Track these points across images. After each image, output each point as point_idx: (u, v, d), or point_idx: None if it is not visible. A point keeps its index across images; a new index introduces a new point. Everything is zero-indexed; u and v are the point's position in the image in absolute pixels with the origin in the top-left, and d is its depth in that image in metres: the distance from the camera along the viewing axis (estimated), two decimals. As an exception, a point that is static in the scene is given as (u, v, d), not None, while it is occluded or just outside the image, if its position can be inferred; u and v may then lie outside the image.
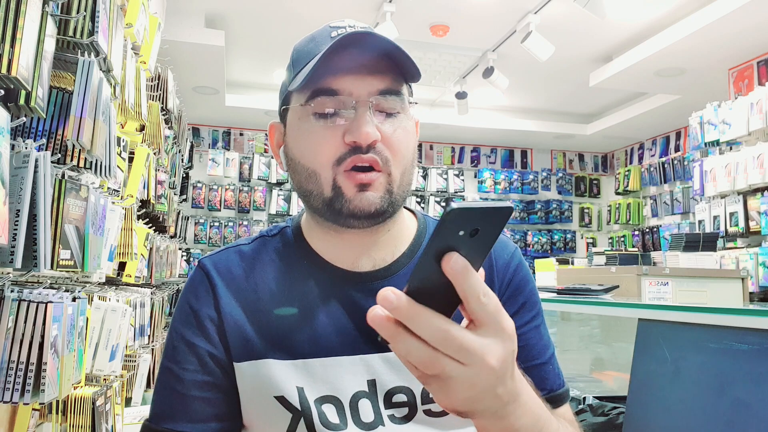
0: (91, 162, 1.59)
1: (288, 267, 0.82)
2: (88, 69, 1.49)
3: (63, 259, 1.39)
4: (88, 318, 1.71)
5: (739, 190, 3.82)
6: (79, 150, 1.50)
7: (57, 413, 1.68)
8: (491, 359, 0.47)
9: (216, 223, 6.54)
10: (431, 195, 7.10)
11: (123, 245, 2.22)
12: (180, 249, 4.61)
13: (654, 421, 1.21)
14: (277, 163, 0.86)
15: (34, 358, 1.29)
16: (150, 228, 2.92)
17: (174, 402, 0.77)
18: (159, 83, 3.13)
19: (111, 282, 2.33)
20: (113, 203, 1.97)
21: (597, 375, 2.46)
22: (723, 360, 1.09)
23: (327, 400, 0.76)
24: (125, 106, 2.09)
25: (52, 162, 1.35)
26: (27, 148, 1.24)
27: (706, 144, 4.14)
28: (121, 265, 2.35)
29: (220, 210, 6.61)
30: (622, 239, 7.18)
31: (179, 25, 4.22)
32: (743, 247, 3.85)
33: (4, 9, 1.13)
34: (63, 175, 1.40)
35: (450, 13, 4.42)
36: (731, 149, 3.95)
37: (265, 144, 6.86)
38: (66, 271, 1.50)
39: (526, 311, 0.84)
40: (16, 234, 1.17)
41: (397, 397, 0.77)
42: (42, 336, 1.30)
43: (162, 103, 3.11)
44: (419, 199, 7.07)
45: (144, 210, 2.74)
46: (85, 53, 1.53)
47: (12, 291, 1.29)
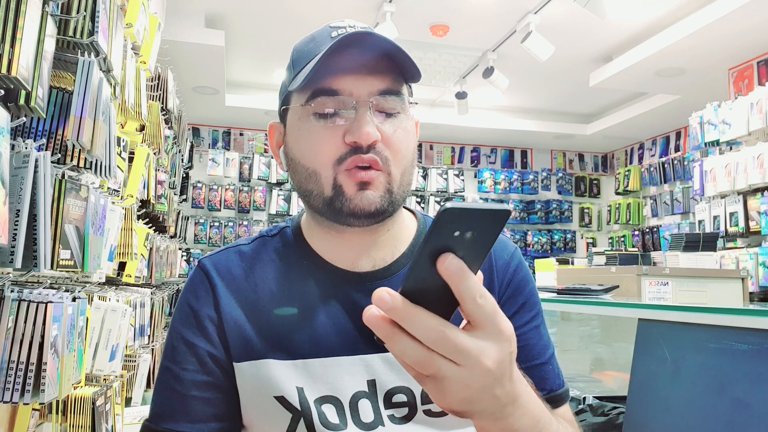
0: (91, 162, 1.59)
1: (288, 267, 0.82)
2: (88, 69, 1.49)
3: (63, 259, 1.39)
4: (88, 318, 1.71)
5: (739, 190, 3.82)
6: (79, 150, 1.50)
7: (57, 413, 1.68)
8: (487, 361, 0.47)
9: (216, 223, 6.54)
10: (431, 195, 7.10)
11: (123, 245, 2.22)
12: (180, 249, 4.61)
13: (654, 421, 1.21)
14: (277, 164, 0.86)
15: (34, 358, 1.29)
16: (150, 228, 2.92)
17: (174, 402, 0.77)
18: (159, 83, 3.13)
19: (111, 282, 2.33)
20: (113, 203, 1.97)
21: (597, 375, 2.46)
22: (723, 360, 1.09)
23: (327, 400, 0.76)
24: (125, 106, 2.09)
25: (52, 162, 1.35)
26: (27, 148, 1.24)
27: (706, 144, 4.14)
28: (121, 265, 2.35)
29: (220, 210, 6.60)
30: (622, 239, 7.18)
31: (179, 25, 4.22)
32: (743, 247, 3.85)
33: (4, 9, 1.13)
34: (63, 175, 1.40)
35: (450, 13, 4.42)
36: (731, 149, 3.95)
37: (265, 144, 6.86)
38: (66, 271, 1.50)
39: (525, 311, 0.84)
40: (16, 234, 1.17)
41: (397, 398, 0.77)
42: (42, 336, 1.30)
43: (162, 103, 3.11)
44: (419, 199, 7.07)
45: (144, 210, 2.75)
46: (85, 53, 1.53)
47: (12, 291, 1.29)
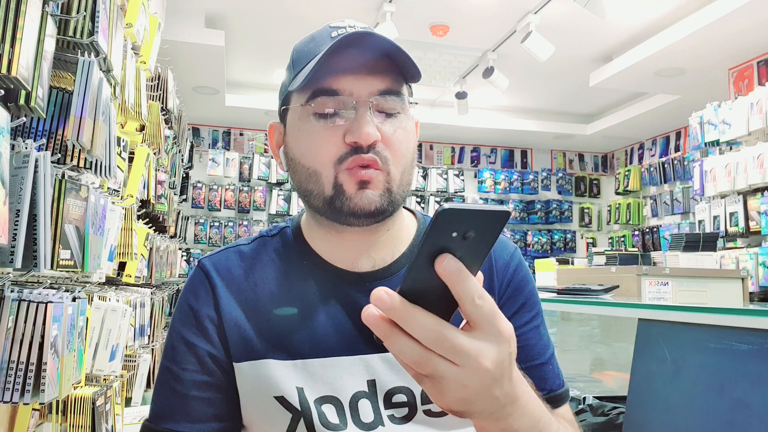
0: (91, 162, 1.59)
1: (288, 267, 0.82)
2: (88, 69, 1.49)
3: (63, 259, 1.39)
4: (88, 318, 1.71)
5: (739, 190, 3.82)
6: (79, 150, 1.50)
7: (57, 413, 1.68)
8: (485, 361, 0.47)
9: (216, 223, 6.54)
10: (431, 195, 7.10)
11: (123, 245, 2.22)
12: (180, 249, 4.61)
13: (654, 421, 1.21)
14: (277, 164, 0.86)
15: (34, 358, 1.29)
16: (150, 228, 2.92)
17: (174, 402, 0.77)
18: (159, 83, 3.13)
19: (111, 282, 2.33)
20: (113, 203, 1.97)
21: (597, 375, 2.46)
22: (723, 360, 1.09)
23: (327, 400, 0.76)
24: (125, 106, 2.09)
25: (52, 162, 1.35)
26: (27, 148, 1.24)
27: (706, 144, 4.14)
28: (121, 265, 2.35)
29: (220, 210, 6.60)
30: (622, 239, 7.18)
31: (179, 25, 4.22)
32: (743, 247, 3.85)
33: (4, 9, 1.13)
34: (63, 175, 1.40)
35: (450, 13, 4.42)
36: (731, 149, 3.95)
37: (265, 144, 6.86)
38: (66, 271, 1.50)
39: (525, 311, 0.84)
40: (16, 234, 1.17)
41: (397, 398, 0.77)
42: (42, 336, 1.30)
43: (162, 103, 3.11)
44: (419, 199, 7.07)
45: (144, 210, 2.74)
46: (85, 53, 1.53)
47: (12, 291, 1.29)
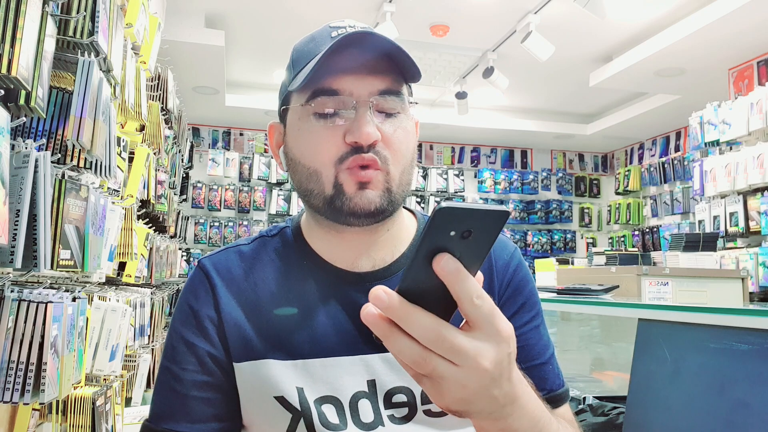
0: (91, 162, 1.59)
1: (288, 267, 0.82)
2: (88, 69, 1.49)
3: (63, 259, 1.39)
4: (88, 318, 1.71)
5: (739, 190, 3.82)
6: (79, 150, 1.50)
7: (57, 413, 1.68)
8: (484, 361, 0.47)
9: (216, 223, 6.54)
10: (431, 195, 7.10)
11: (123, 245, 2.22)
12: (180, 249, 4.61)
13: (654, 421, 1.21)
14: (277, 164, 0.86)
15: (34, 358, 1.29)
16: (150, 228, 2.92)
17: (174, 402, 0.77)
18: (159, 83, 3.13)
19: (111, 282, 2.33)
20: (113, 203, 1.97)
21: (597, 375, 2.46)
22: (723, 360, 1.09)
23: (327, 400, 0.76)
24: (125, 106, 2.09)
25: (52, 162, 1.35)
26: (27, 148, 1.24)
27: (706, 144, 4.14)
28: (121, 265, 2.35)
29: (220, 210, 6.60)
30: (622, 239, 7.18)
31: (179, 25, 4.22)
32: (743, 247, 3.85)
33: (4, 9, 1.13)
34: (63, 175, 1.40)
35: (450, 13, 4.41)
36: (731, 149, 3.95)
37: (265, 144, 6.86)
38: (66, 271, 1.50)
39: (525, 311, 0.84)
40: (16, 234, 1.17)
41: (397, 398, 0.77)
42: (42, 336, 1.30)
43: (162, 103, 3.11)
44: (419, 199, 7.07)
45: (144, 210, 2.74)
46: (85, 53, 1.53)
47: (12, 291, 1.29)
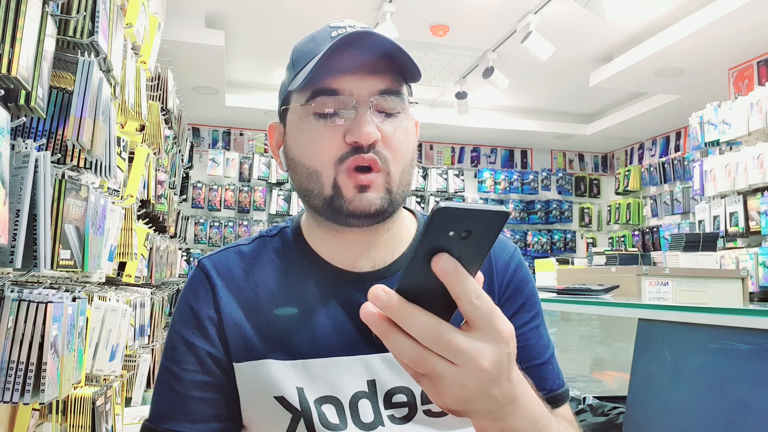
0: (91, 162, 1.59)
1: (288, 267, 0.82)
2: (88, 69, 1.49)
3: (63, 259, 1.39)
4: (88, 318, 1.71)
5: (739, 190, 3.82)
6: (79, 150, 1.50)
7: (57, 413, 1.68)
8: (483, 361, 0.47)
9: (216, 223, 6.54)
10: (431, 195, 7.10)
11: (123, 245, 2.22)
12: (180, 249, 4.61)
13: (654, 421, 1.21)
14: (277, 164, 0.86)
15: (34, 358, 1.29)
16: (150, 228, 2.92)
17: (174, 402, 0.77)
18: (159, 83, 3.13)
19: (111, 282, 2.33)
20: (113, 203, 1.97)
21: (597, 375, 2.46)
22: (723, 360, 1.09)
23: (327, 400, 0.76)
24: (125, 106, 2.09)
25: (52, 162, 1.35)
26: (27, 148, 1.24)
27: (706, 144, 4.14)
28: (121, 265, 2.35)
29: (220, 210, 6.61)
30: (622, 239, 7.18)
31: (179, 25, 4.22)
32: (743, 247, 3.85)
33: (4, 9, 1.13)
34: (63, 175, 1.40)
35: (450, 13, 4.41)
36: (731, 149, 3.95)
37: (265, 144, 6.86)
38: (66, 271, 1.50)
39: (525, 311, 0.84)
40: (16, 234, 1.17)
41: (397, 398, 0.77)
42: (42, 336, 1.30)
43: (162, 103, 3.11)
44: (419, 199, 7.07)
45: (144, 210, 2.74)
46: (85, 53, 1.53)
47: (12, 291, 1.29)
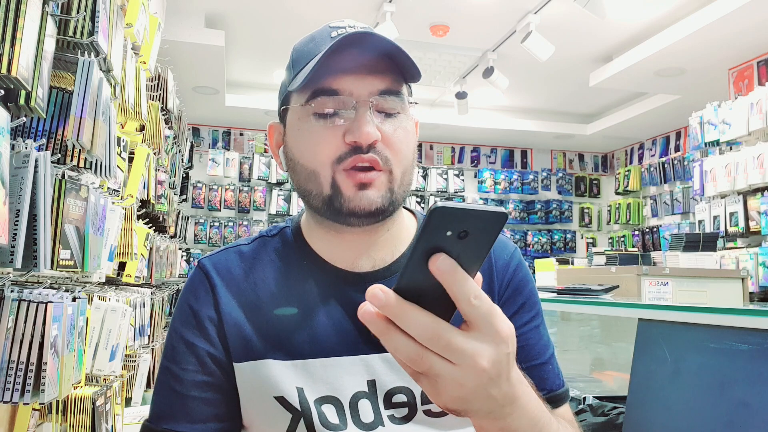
0: (91, 162, 1.59)
1: (288, 267, 0.82)
2: (88, 69, 1.49)
3: (63, 259, 1.39)
4: (88, 318, 1.71)
5: (739, 190, 3.82)
6: (79, 150, 1.50)
7: (57, 413, 1.68)
8: (482, 360, 0.47)
9: (216, 223, 6.54)
10: (431, 195, 7.10)
11: (123, 245, 2.22)
12: (180, 249, 4.61)
13: (654, 421, 1.21)
14: (277, 164, 0.86)
15: (34, 358, 1.29)
16: (150, 228, 2.92)
17: (174, 402, 0.77)
18: (159, 83, 3.13)
19: (111, 282, 2.33)
20: (113, 203, 1.97)
21: (597, 375, 2.46)
22: (723, 360, 1.09)
23: (327, 400, 0.76)
24: (125, 106, 2.09)
25: (52, 162, 1.35)
26: (27, 148, 1.24)
27: (706, 144, 4.14)
28: (121, 265, 2.35)
29: (220, 210, 6.61)
30: (622, 239, 7.18)
31: (179, 25, 4.22)
32: (743, 247, 3.85)
33: (4, 9, 1.13)
34: (63, 175, 1.40)
35: (450, 13, 4.41)
36: (731, 149, 3.95)
37: (265, 144, 6.85)
38: (66, 271, 1.50)
39: (525, 311, 0.84)
40: (16, 234, 1.17)
41: (397, 398, 0.77)
42: (42, 336, 1.30)
43: (162, 103, 3.11)
44: (419, 199, 7.07)
45: (144, 210, 2.74)
46: (85, 53, 1.53)
47: (12, 291, 1.29)
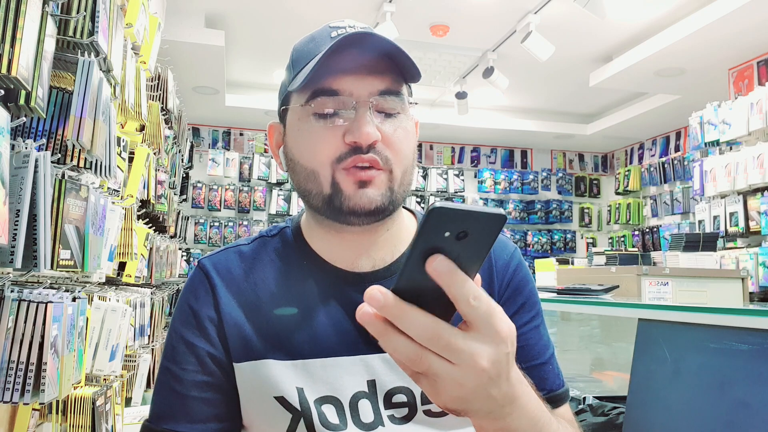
0: (91, 162, 1.59)
1: (288, 267, 0.82)
2: (88, 69, 1.49)
3: (63, 259, 1.39)
4: (88, 318, 1.71)
5: (739, 190, 3.82)
6: (79, 150, 1.50)
7: (57, 413, 1.68)
8: (481, 361, 0.47)
9: (216, 223, 6.54)
10: (431, 195, 7.10)
11: (123, 245, 2.22)
12: (180, 249, 4.61)
13: (654, 421, 1.21)
14: (277, 164, 0.86)
15: (34, 358, 1.29)
16: (150, 228, 2.92)
17: (174, 402, 0.77)
18: (159, 83, 3.13)
19: (111, 282, 2.33)
20: (113, 203, 1.97)
21: (597, 375, 2.46)
22: (723, 360, 1.09)
23: (327, 400, 0.76)
24: (125, 106, 2.09)
25: (52, 162, 1.35)
26: (27, 148, 1.24)
27: (706, 144, 4.14)
28: (121, 265, 2.35)
29: (220, 210, 6.61)
30: (622, 239, 7.18)
31: (179, 25, 4.22)
32: (743, 247, 3.85)
33: (4, 9, 1.13)
34: (63, 175, 1.40)
35: (450, 13, 4.41)
36: (731, 149, 3.95)
37: (265, 144, 6.85)
38: (66, 271, 1.50)
39: (525, 311, 0.84)
40: (16, 234, 1.17)
41: (397, 398, 0.77)
42: (42, 336, 1.30)
43: (162, 103, 3.11)
44: (419, 199, 7.07)
45: (144, 210, 2.74)
46: (85, 53, 1.53)
47: (12, 291, 1.29)
